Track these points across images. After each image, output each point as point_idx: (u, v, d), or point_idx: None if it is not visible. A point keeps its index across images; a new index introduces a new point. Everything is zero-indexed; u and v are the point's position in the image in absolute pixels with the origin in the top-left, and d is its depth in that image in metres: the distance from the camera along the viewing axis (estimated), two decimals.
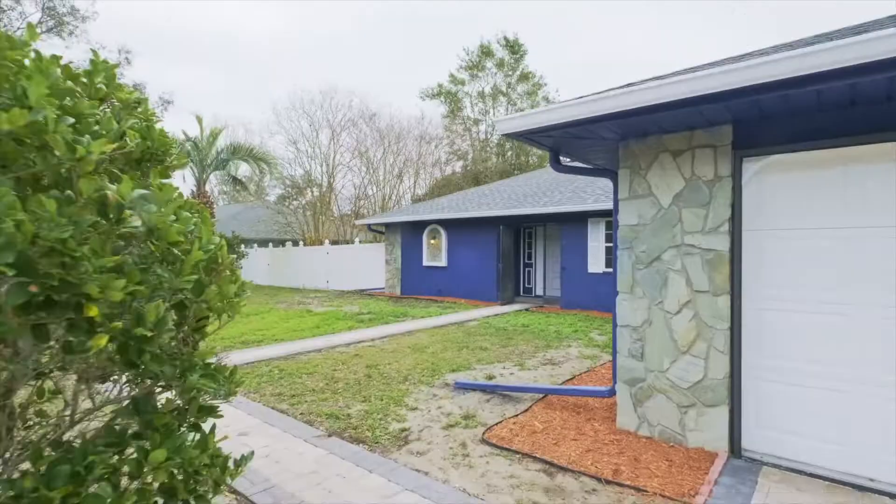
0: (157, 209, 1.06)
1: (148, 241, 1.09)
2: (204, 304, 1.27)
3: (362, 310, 12.13)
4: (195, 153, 14.31)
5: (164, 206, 1.09)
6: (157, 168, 1.46)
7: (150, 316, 1.04)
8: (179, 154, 1.62)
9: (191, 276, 1.15)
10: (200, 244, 1.19)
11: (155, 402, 1.27)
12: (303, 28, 59.99)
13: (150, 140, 1.40)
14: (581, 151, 4.57)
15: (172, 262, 1.15)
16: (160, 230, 1.07)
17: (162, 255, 1.14)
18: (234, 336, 8.76)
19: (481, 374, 5.89)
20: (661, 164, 3.90)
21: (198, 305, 1.28)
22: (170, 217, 1.10)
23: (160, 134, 1.46)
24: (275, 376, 5.95)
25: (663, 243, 3.87)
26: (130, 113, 1.43)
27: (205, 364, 1.35)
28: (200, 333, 1.44)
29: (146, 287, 1.05)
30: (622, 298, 4.10)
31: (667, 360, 3.83)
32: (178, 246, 1.13)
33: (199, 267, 1.22)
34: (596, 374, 5.84)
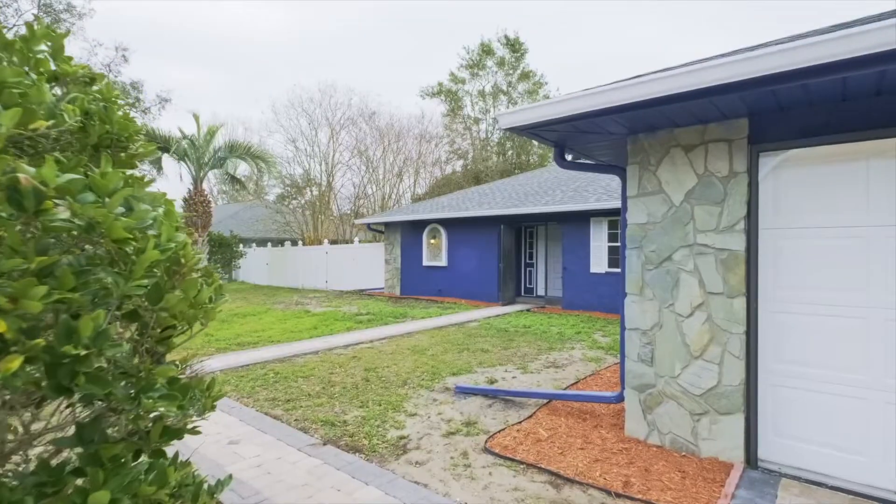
0: (98, 199, 0.88)
1: (91, 239, 0.91)
2: (164, 312, 1.08)
3: (361, 310, 11.95)
4: (192, 151, 14.10)
5: (108, 196, 0.91)
6: (120, 155, 1.27)
7: (84, 330, 0.86)
8: (147, 143, 1.44)
9: (142, 280, 0.97)
10: (157, 242, 1.00)
11: (104, 428, 1.08)
12: (303, 27, 59.79)
13: (109, 123, 1.22)
14: (587, 147, 4.38)
15: (125, 263, 0.97)
16: (101, 225, 0.88)
17: (113, 256, 0.96)
18: (230, 338, 8.58)
19: (483, 378, 5.71)
20: (673, 160, 3.72)
21: (157, 314, 1.10)
22: (116, 209, 0.92)
23: (123, 117, 1.28)
24: (269, 380, 5.77)
25: (674, 242, 3.69)
26: (83, 90, 1.25)
27: (170, 380, 1.17)
28: (166, 345, 1.26)
29: (84, 294, 0.87)
30: (631, 300, 3.92)
31: (678, 365, 3.65)
32: (126, 244, 0.95)
33: (157, 269, 1.04)
34: (601, 377, 5.66)
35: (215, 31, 61.57)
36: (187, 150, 14.06)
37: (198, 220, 14.12)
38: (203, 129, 14.48)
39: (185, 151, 14.09)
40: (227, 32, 61.46)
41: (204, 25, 60.05)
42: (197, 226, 14.15)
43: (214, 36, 61.38)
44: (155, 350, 1.23)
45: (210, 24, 59.69)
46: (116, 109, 1.28)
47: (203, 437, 4.01)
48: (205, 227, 14.34)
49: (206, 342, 8.21)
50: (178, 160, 14.32)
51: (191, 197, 14.20)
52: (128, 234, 0.93)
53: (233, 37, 60.66)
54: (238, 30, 60.83)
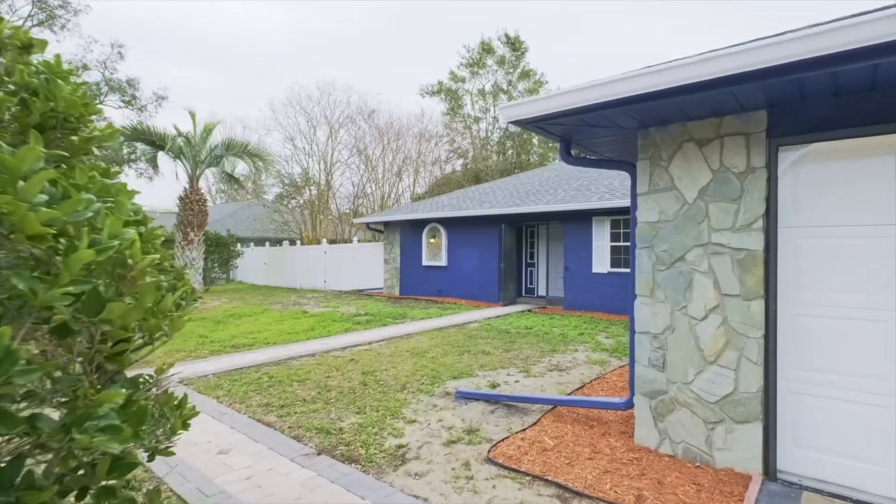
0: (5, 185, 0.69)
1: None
2: (106, 324, 0.89)
3: (359, 311, 11.76)
4: (187, 149, 13.88)
5: (23, 180, 0.72)
6: (72, 139, 1.08)
7: None
8: (108, 126, 1.25)
9: (69, 286, 0.78)
10: (95, 240, 0.81)
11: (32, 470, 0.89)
12: (303, 27, 59.54)
13: (54, 100, 1.03)
14: (594, 142, 4.20)
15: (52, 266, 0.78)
16: (10, 217, 0.70)
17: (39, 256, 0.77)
18: (225, 339, 8.38)
19: (484, 382, 5.52)
20: (686, 155, 3.53)
21: (98, 327, 0.90)
22: (34, 198, 0.73)
23: (75, 94, 1.09)
24: (264, 384, 5.58)
25: (688, 242, 3.50)
26: (21, 59, 1.05)
27: (124, 404, 0.98)
28: (118, 362, 1.07)
29: None
30: (641, 302, 3.73)
31: (692, 370, 3.47)
32: (44, 242, 0.76)
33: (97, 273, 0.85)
34: (607, 381, 5.47)
35: (215, 30, 61.34)
36: (183, 148, 13.85)
37: (193, 218, 13.91)
38: (199, 127, 14.27)
39: (181, 149, 13.87)
40: (226, 32, 61.24)
41: (203, 25, 59.80)
42: (193, 225, 13.95)
43: (214, 35, 61.15)
44: (104, 368, 1.04)
45: (210, 23, 59.45)
46: (66, 85, 1.09)
47: (192, 446, 3.82)
48: (201, 226, 14.14)
49: (199, 344, 8.02)
50: (173, 158, 14.11)
51: (186, 195, 13.99)
52: (48, 229, 0.75)
53: (232, 36, 60.43)
54: (237, 29, 60.59)
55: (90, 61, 20.38)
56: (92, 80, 20.74)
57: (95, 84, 20.50)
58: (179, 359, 7.03)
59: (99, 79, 20.59)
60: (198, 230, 14.07)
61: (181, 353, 7.33)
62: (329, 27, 57.94)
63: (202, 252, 14.34)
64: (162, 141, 13.21)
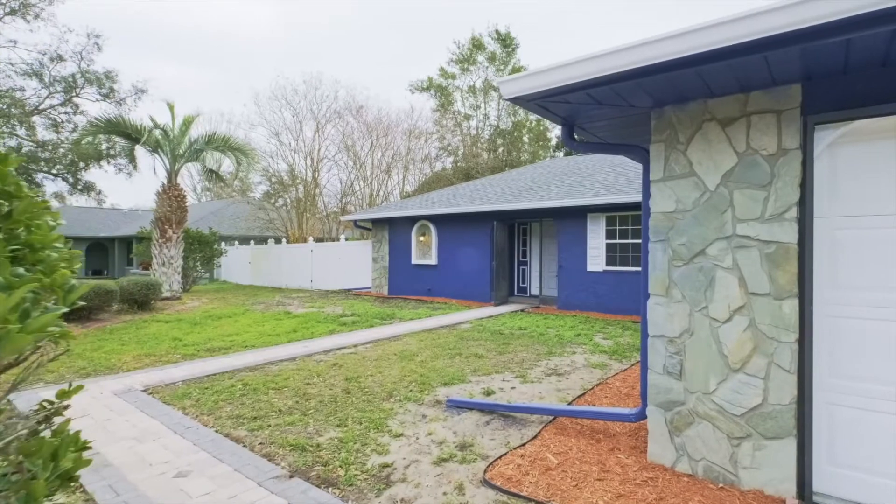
0: None
1: None
2: None
3: (346, 311, 11.27)
4: (165, 142, 13.25)
5: None
6: None
7: None
8: None
9: None
10: None
11: None
12: (292, 24, 58.58)
13: None
14: (601, 124, 3.79)
15: None
16: None
17: None
18: (200, 342, 7.85)
19: (478, 389, 5.10)
20: (706, 136, 3.14)
21: None
22: None
23: None
24: (236, 392, 5.09)
25: (709, 234, 3.11)
26: None
27: None
28: None
29: None
30: (655, 302, 3.33)
31: (713, 379, 3.08)
32: None
33: None
34: (609, 388, 5.08)
35: (199, 27, 60.11)
36: (160, 142, 13.22)
37: (172, 215, 13.28)
38: (179, 120, 13.65)
39: (158, 142, 13.24)
40: (213, 29, 60.04)
41: (187, 21, 58.53)
42: (171, 222, 13.32)
43: (203, 34, 59.92)
44: None
45: (196, 21, 58.21)
46: None
47: (146, 467, 3.34)
48: (179, 222, 13.51)
49: (172, 348, 7.49)
50: (151, 152, 13.47)
51: (164, 191, 13.35)
52: None
53: (218, 33, 59.25)
54: (224, 26, 59.45)
55: (65, 52, 19.56)
56: (67, 71, 19.93)
57: (71, 76, 19.68)
58: (148, 364, 6.51)
59: (75, 70, 19.77)
60: (176, 227, 13.45)
61: (150, 359, 6.81)
62: (318, 25, 57.09)
63: (181, 250, 13.70)
64: (138, 133, 12.56)
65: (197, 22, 58.45)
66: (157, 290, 11.12)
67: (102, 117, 12.84)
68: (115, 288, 10.07)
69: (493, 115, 32.37)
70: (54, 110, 20.55)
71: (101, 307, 9.92)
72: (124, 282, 10.79)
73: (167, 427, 4.18)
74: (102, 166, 24.06)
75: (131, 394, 5.17)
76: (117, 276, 28.75)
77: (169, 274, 13.23)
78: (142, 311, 10.99)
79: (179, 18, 58.33)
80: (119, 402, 4.87)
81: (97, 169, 24.34)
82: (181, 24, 59.66)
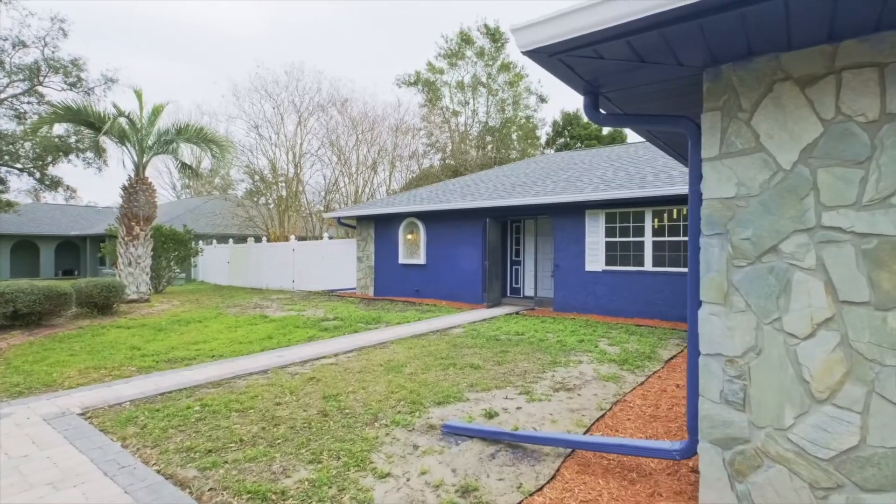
0: None
1: None
2: None
3: (328, 315, 10.46)
4: (132, 132, 12.26)
5: None
6: None
7: None
8: None
9: None
10: None
11: None
12: (277, 20, 57.11)
13: None
14: (634, 91, 3.09)
15: None
16: None
17: None
18: (161, 352, 7.00)
19: (478, 410, 4.38)
20: (779, 101, 2.46)
21: None
22: None
23: None
24: (192, 416, 4.29)
25: (783, 225, 2.44)
26: None
27: None
28: None
29: None
30: (709, 312, 2.64)
31: (790, 411, 2.40)
32: None
33: None
34: (630, 407, 4.40)
35: (181, 23, 58.32)
36: (127, 131, 12.23)
37: (139, 211, 12.29)
38: (148, 109, 12.66)
39: (125, 132, 12.25)
40: (194, 24, 58.30)
41: (166, 16, 56.70)
42: (138, 218, 12.33)
43: (183, 30, 58.13)
44: None
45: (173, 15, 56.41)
46: None
47: None
48: (148, 219, 12.53)
49: (128, 358, 6.62)
50: (117, 143, 12.46)
51: (131, 185, 12.35)
52: None
53: (201, 29, 57.55)
54: (208, 24, 57.76)
55: (27, 38, 18.31)
56: (30, 58, 18.67)
57: (34, 62, 18.43)
58: (95, 379, 5.65)
59: (38, 57, 18.53)
60: (144, 224, 12.47)
61: (100, 372, 5.94)
62: (305, 18, 55.76)
63: (149, 249, 12.72)
64: (101, 121, 11.55)
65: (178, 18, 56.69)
66: (119, 292, 10.17)
67: (62, 104, 11.80)
68: (70, 290, 9.11)
69: (481, 111, 31.74)
70: (17, 100, 19.27)
71: (54, 312, 8.96)
72: (82, 283, 9.83)
73: (98, 466, 3.38)
74: (71, 160, 22.72)
75: (65, 419, 4.33)
76: (89, 275, 27.40)
77: (136, 274, 12.24)
78: (102, 316, 10.04)
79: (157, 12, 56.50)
80: (47, 431, 4.04)
81: (66, 163, 22.99)
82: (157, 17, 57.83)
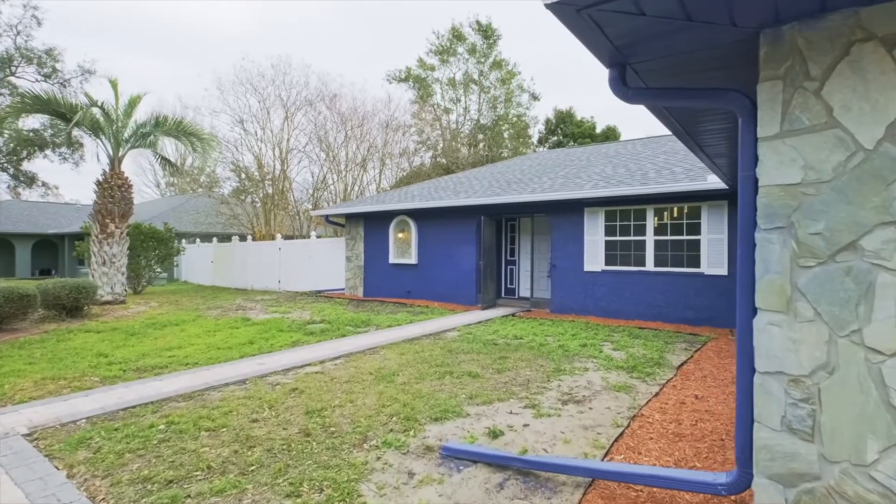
0: None
1: None
2: None
3: (314, 317, 9.92)
4: (107, 124, 11.58)
5: None
6: None
7: None
8: None
9: None
10: None
11: None
12: (263, 18, 56.07)
13: None
14: (670, 60, 2.64)
15: None
16: None
17: None
18: (130, 359, 6.42)
19: (480, 427, 3.91)
20: (858, 65, 2.03)
21: None
22: None
23: None
24: (154, 437, 3.76)
25: (865, 218, 2.00)
26: None
27: None
28: None
29: None
30: (768, 321, 2.20)
31: (873, 444, 1.97)
32: None
33: None
34: (650, 424, 3.96)
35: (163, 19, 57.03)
36: (101, 123, 11.54)
37: (114, 207, 11.62)
38: (124, 99, 11.99)
39: (99, 124, 11.56)
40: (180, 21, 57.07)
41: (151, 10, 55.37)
42: (114, 215, 11.66)
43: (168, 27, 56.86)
44: None
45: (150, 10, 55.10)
46: None
47: None
48: (124, 216, 11.86)
49: (92, 367, 6.04)
50: (90, 135, 11.77)
51: (106, 180, 11.67)
52: None
53: (187, 26, 56.34)
54: (193, 21, 56.55)
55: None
56: (2, 48, 17.80)
57: (5, 51, 17.57)
58: (52, 391, 5.08)
59: (10, 46, 17.66)
60: (120, 221, 11.80)
61: (58, 384, 5.36)
62: (294, 16, 54.79)
63: (125, 247, 12.05)
64: (72, 112, 10.86)
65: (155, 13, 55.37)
66: (89, 293, 9.52)
67: (29, 92, 11.08)
68: (34, 292, 8.46)
69: (473, 108, 31.31)
70: None
71: (16, 315, 8.30)
72: (49, 284, 9.17)
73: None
74: (47, 155, 21.85)
75: (6, 441, 3.77)
76: (67, 275, 26.45)
77: (111, 274, 11.57)
78: (71, 319, 9.38)
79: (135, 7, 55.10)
80: None
81: (42, 159, 22.13)
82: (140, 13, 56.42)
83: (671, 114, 3.65)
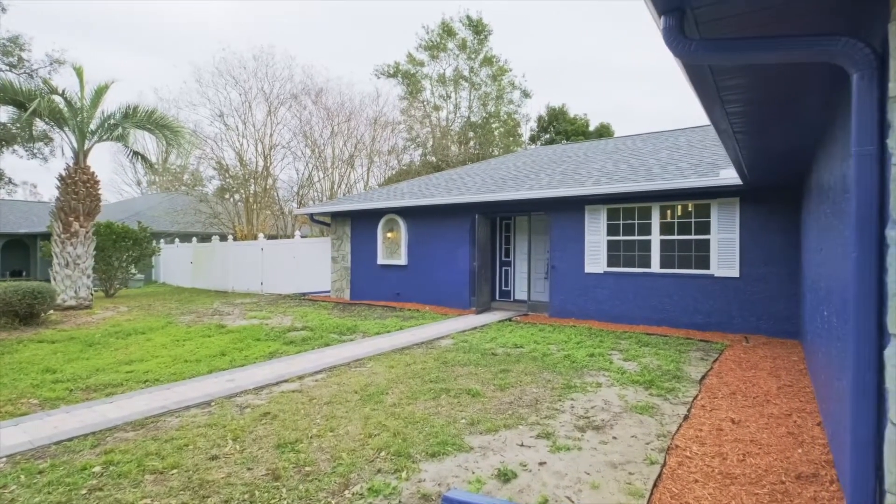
0: None
1: None
2: None
3: (296, 323, 9.18)
4: (70, 115, 10.69)
5: None
6: None
7: None
8: None
9: None
10: None
11: None
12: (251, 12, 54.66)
13: None
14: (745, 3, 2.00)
15: None
16: None
17: None
18: (81, 376, 5.64)
19: (487, 466, 3.25)
20: None
21: None
22: None
23: None
24: (84, 483, 3.04)
25: None
26: None
27: None
28: None
29: None
30: None
31: None
32: None
33: None
34: (690, 458, 3.32)
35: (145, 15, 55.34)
36: (64, 113, 10.65)
37: (79, 204, 10.73)
38: (90, 89, 11.10)
39: (62, 114, 10.67)
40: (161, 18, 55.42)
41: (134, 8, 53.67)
42: (78, 213, 10.77)
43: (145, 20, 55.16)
44: None
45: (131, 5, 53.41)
46: None
47: None
48: (89, 214, 10.97)
49: (34, 385, 5.26)
50: (51, 125, 10.86)
51: (69, 175, 10.77)
52: None
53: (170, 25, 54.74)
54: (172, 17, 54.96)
55: None
56: None
57: None
58: None
59: None
60: (85, 220, 10.91)
61: None
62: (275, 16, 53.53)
63: (91, 248, 11.17)
64: (29, 100, 9.95)
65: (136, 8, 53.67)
66: (46, 298, 8.66)
67: None
68: None
69: (464, 105, 30.65)
70: None
71: None
72: (0, 288, 8.29)
73: None
74: (15, 150, 20.69)
75: None
76: (40, 276, 25.25)
77: (74, 277, 10.68)
78: (25, 327, 8.52)
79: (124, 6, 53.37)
80: None
81: (10, 154, 20.96)
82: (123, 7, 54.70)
83: (743, 77, 2.76)
